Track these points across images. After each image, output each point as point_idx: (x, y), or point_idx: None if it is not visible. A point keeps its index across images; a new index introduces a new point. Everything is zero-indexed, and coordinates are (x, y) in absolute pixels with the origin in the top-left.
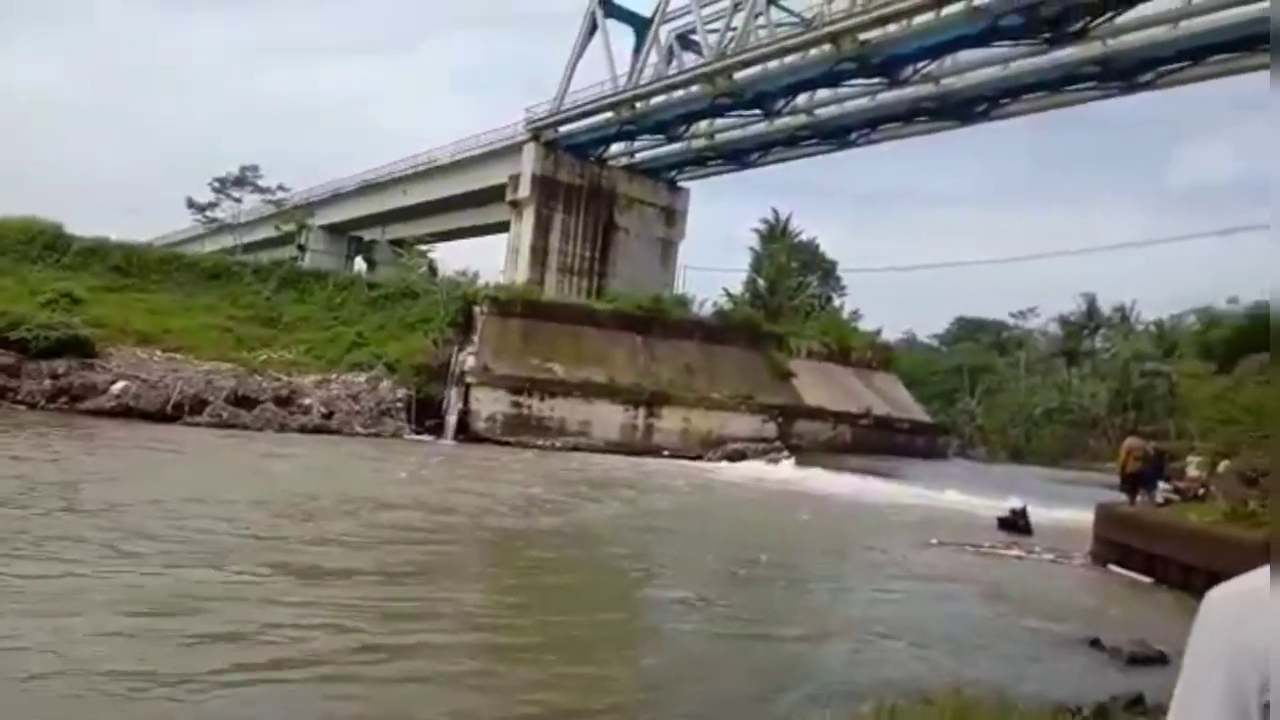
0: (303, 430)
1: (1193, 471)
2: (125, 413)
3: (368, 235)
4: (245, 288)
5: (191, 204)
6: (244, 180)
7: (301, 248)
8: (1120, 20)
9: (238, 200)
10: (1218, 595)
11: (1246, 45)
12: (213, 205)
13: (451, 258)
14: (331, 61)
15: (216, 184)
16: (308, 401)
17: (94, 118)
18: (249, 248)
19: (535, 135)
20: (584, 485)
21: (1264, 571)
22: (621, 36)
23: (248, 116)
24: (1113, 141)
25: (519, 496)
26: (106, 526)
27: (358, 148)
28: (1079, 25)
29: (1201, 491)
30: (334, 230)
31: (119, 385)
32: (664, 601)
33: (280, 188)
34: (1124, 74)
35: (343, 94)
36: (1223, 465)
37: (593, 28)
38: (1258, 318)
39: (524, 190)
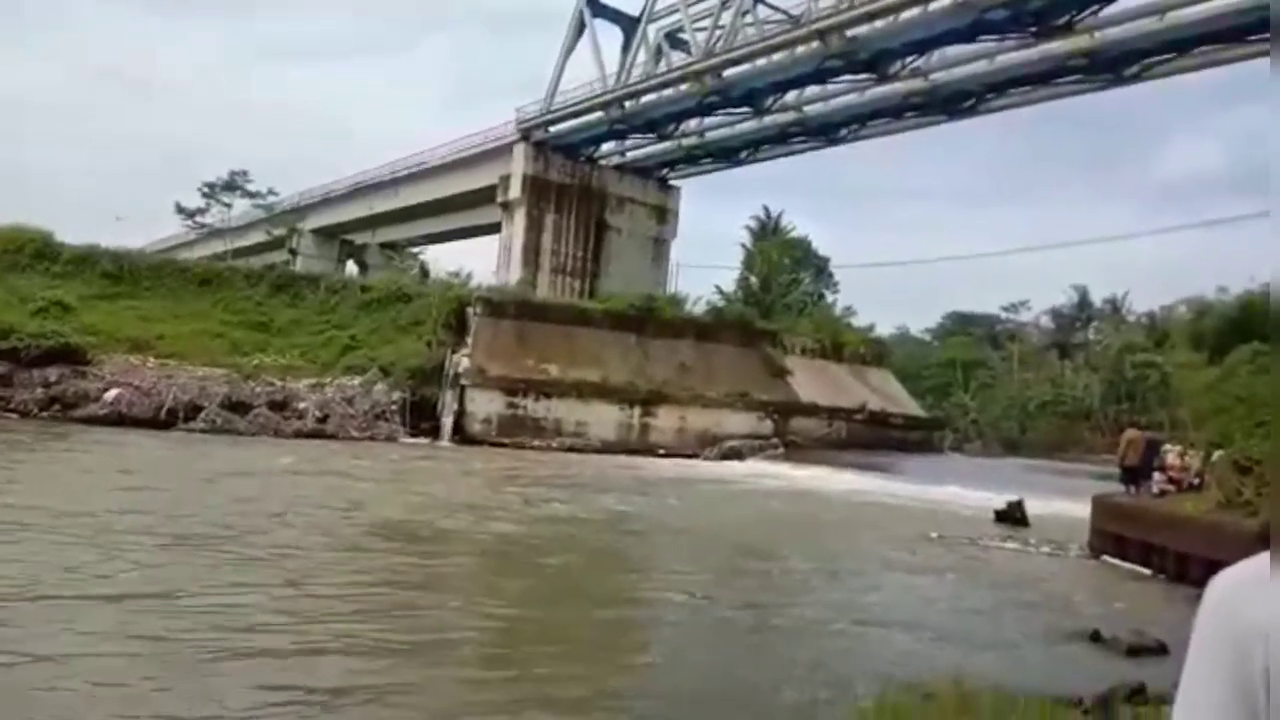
0: (298, 435)
1: (1172, 459)
2: (118, 420)
3: (359, 238)
4: (237, 293)
5: (181, 209)
6: (234, 185)
7: (293, 251)
8: (1106, 13)
9: (228, 205)
10: (1221, 581)
11: (1232, 36)
12: (202, 211)
13: (444, 259)
14: (323, 64)
15: (206, 189)
16: (302, 406)
17: (80, 123)
18: (239, 253)
19: (525, 135)
20: (577, 487)
21: (1265, 556)
22: (610, 36)
23: (238, 121)
24: (1100, 135)
25: (509, 499)
26: None
27: (348, 150)
28: (1065, 19)
29: (1196, 481)
30: (325, 234)
31: (112, 393)
32: (664, 599)
33: (270, 192)
34: (1110, 66)
35: (333, 97)
36: (1216, 454)
37: (580, 27)
38: (1247, 307)
39: (515, 191)
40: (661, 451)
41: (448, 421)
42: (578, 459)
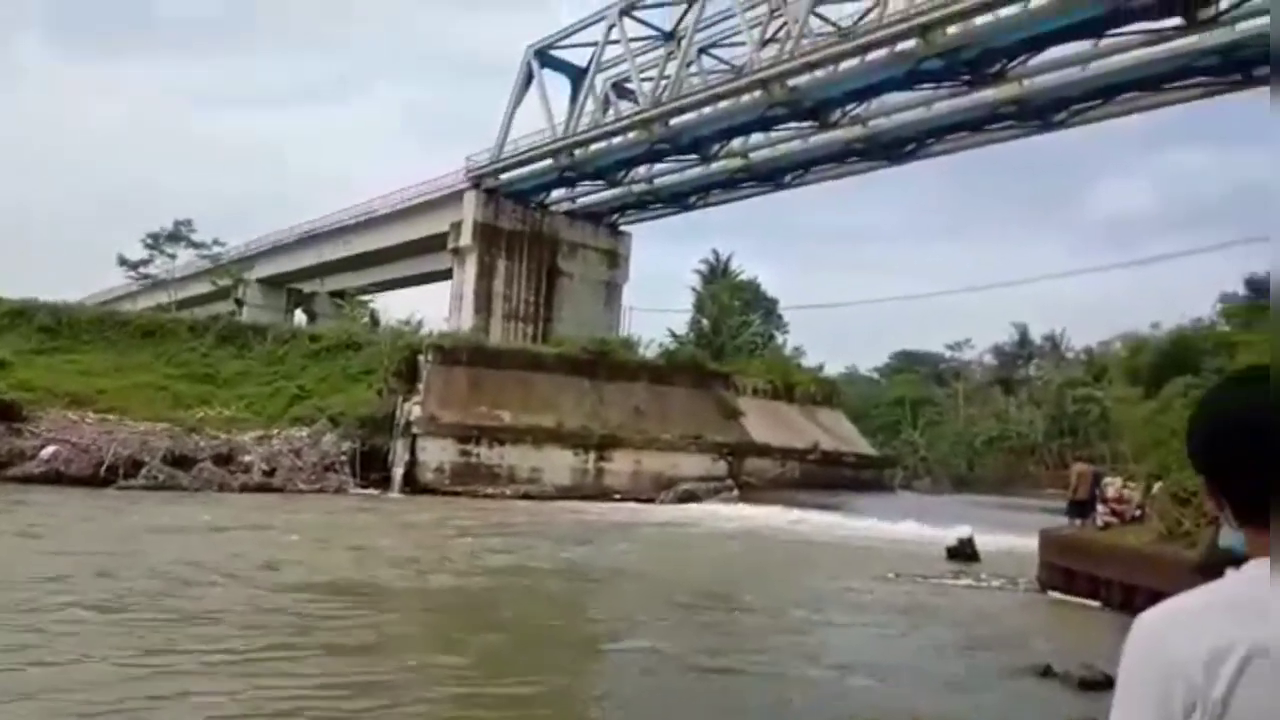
0: (244, 489)
1: (1112, 492)
2: (56, 478)
3: (307, 287)
4: (181, 345)
5: (123, 261)
6: (178, 235)
7: (239, 302)
8: (1034, 62)
9: (172, 256)
10: (1147, 617)
11: (1152, 84)
12: (145, 262)
13: (395, 307)
14: (269, 112)
15: (149, 240)
16: (248, 459)
17: (19, 171)
18: (184, 304)
19: (476, 183)
20: (531, 535)
21: (1191, 593)
22: (558, 85)
23: (182, 170)
24: (1038, 177)
25: (460, 550)
26: None
27: (295, 197)
28: (996, 67)
29: (1138, 513)
30: (272, 283)
31: (48, 450)
32: (622, 649)
33: (216, 242)
34: (1040, 113)
35: (280, 143)
36: (1156, 486)
37: (529, 78)
38: (1179, 342)
39: (466, 238)
40: (617, 496)
41: (399, 471)
42: (533, 506)
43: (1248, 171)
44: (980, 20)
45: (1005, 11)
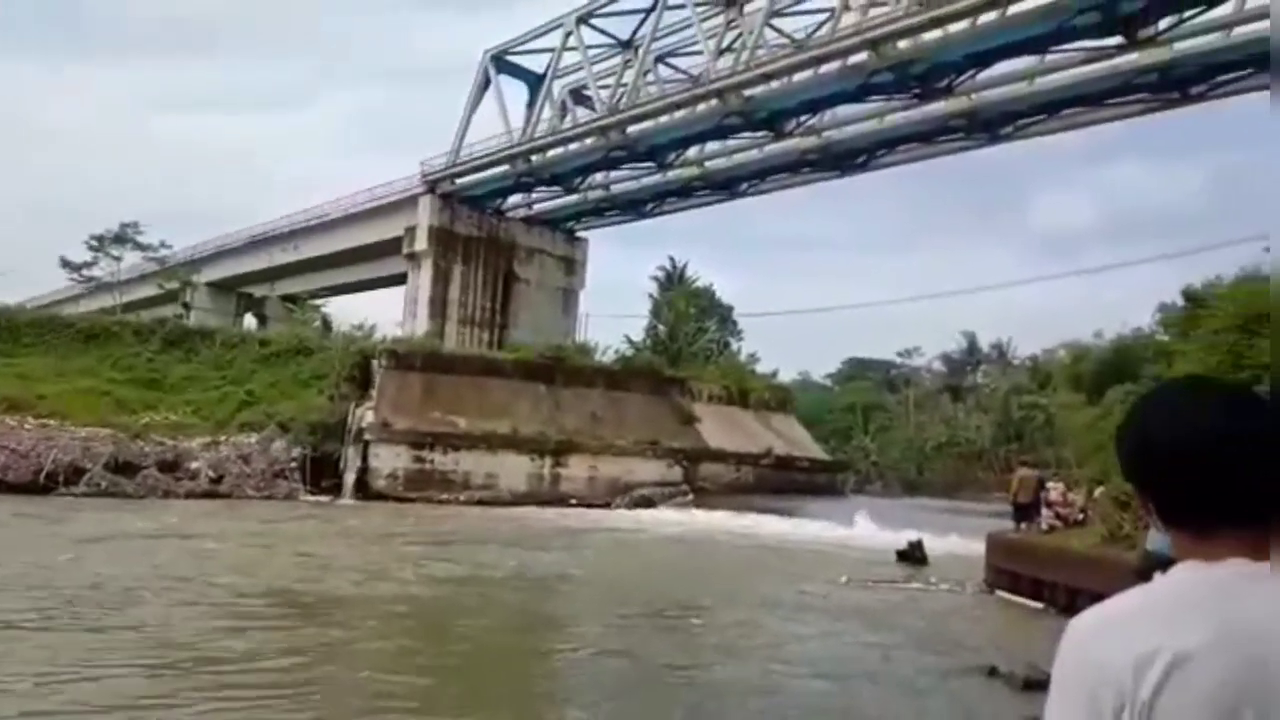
0: (190, 496)
1: (1055, 496)
2: None
3: (258, 291)
4: (125, 349)
5: (66, 263)
6: (124, 237)
7: (186, 305)
8: (982, 77)
9: (117, 258)
10: (1079, 621)
11: (1092, 100)
12: (90, 264)
13: (348, 312)
14: (221, 117)
15: (94, 242)
16: (195, 465)
17: None
18: (129, 307)
19: (431, 188)
20: (486, 541)
21: (1123, 596)
22: (515, 91)
23: (131, 172)
24: (988, 188)
25: (411, 557)
26: None
27: (248, 202)
28: (945, 82)
29: (1081, 516)
30: (221, 287)
31: None
32: (576, 657)
33: (163, 244)
34: (987, 126)
35: (233, 148)
36: (1098, 490)
37: (486, 83)
38: (1120, 350)
39: (421, 243)
40: (573, 501)
41: (350, 478)
42: (488, 512)
43: (1182, 186)
44: (929, 36)
45: (954, 28)
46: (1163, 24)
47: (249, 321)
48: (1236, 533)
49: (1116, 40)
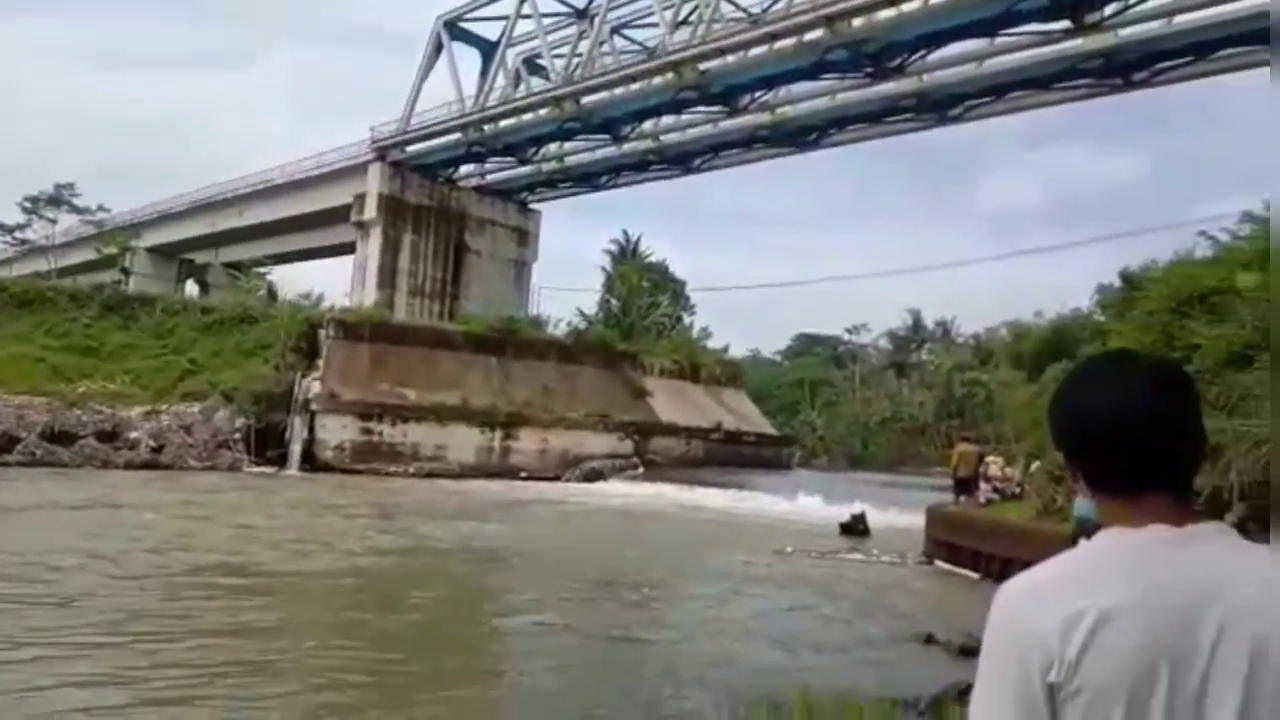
0: (129, 466)
1: (994, 470)
2: None
3: (200, 258)
4: (61, 315)
5: None
6: (59, 199)
7: (125, 271)
8: (933, 58)
9: (52, 221)
10: (1008, 588)
11: (1039, 84)
12: (23, 226)
13: (294, 281)
14: (163, 75)
15: (28, 204)
16: (134, 435)
17: None
18: (65, 271)
19: (381, 155)
20: (432, 514)
21: (1050, 563)
22: (468, 59)
23: (68, 132)
24: (936, 169)
25: (357, 528)
26: None
27: (193, 166)
28: (897, 61)
29: (1018, 490)
30: (162, 253)
31: None
32: (521, 629)
33: (101, 208)
34: (936, 107)
35: (175, 109)
36: (1035, 465)
37: (438, 49)
38: (1058, 330)
39: (370, 211)
40: (523, 474)
41: (296, 449)
42: (436, 484)
43: (1125, 170)
44: (883, 14)
45: (907, 7)
46: (1108, 9)
47: (191, 289)
48: (1158, 500)
49: (1064, 25)
